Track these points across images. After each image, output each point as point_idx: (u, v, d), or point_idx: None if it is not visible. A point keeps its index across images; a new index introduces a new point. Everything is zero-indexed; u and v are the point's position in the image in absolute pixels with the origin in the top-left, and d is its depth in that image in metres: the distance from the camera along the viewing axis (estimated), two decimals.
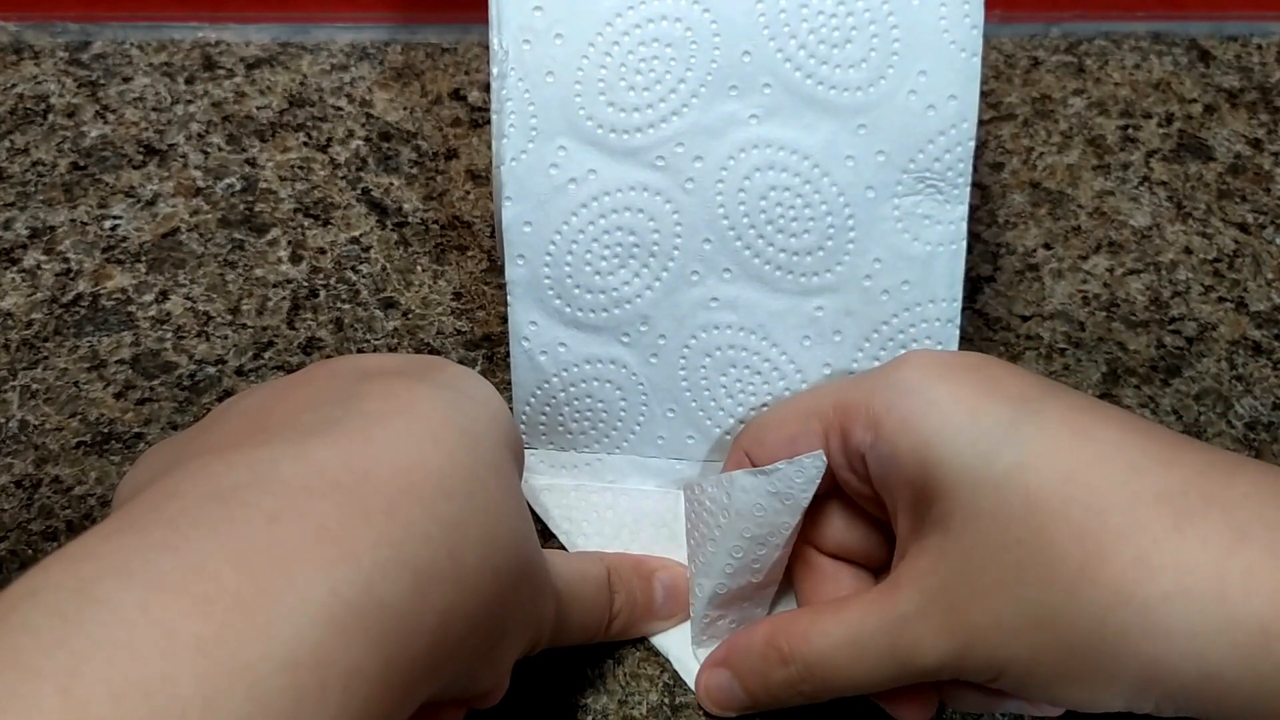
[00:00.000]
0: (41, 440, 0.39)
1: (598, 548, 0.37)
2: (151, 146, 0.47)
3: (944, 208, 0.35)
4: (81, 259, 0.43)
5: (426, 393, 0.27)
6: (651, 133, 0.34)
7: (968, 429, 0.30)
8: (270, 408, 0.27)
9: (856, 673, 0.31)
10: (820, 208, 0.35)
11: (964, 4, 0.34)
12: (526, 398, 0.37)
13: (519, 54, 0.34)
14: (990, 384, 0.31)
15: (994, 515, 0.29)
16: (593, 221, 0.35)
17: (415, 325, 0.42)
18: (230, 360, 0.41)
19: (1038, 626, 0.28)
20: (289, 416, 0.26)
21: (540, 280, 0.36)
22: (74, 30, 0.50)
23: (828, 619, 0.32)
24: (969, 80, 0.34)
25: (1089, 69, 0.52)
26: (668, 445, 0.37)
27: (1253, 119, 0.50)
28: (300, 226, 0.45)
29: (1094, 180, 0.48)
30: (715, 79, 0.34)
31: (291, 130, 0.48)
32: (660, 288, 0.36)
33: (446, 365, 0.29)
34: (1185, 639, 0.26)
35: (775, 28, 0.34)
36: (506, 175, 0.35)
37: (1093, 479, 0.28)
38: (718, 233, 0.35)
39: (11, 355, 0.41)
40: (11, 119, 0.47)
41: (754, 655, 0.33)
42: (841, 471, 0.33)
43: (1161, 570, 0.27)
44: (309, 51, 0.50)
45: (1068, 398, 0.30)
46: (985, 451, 0.29)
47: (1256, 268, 0.45)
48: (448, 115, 0.49)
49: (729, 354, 0.36)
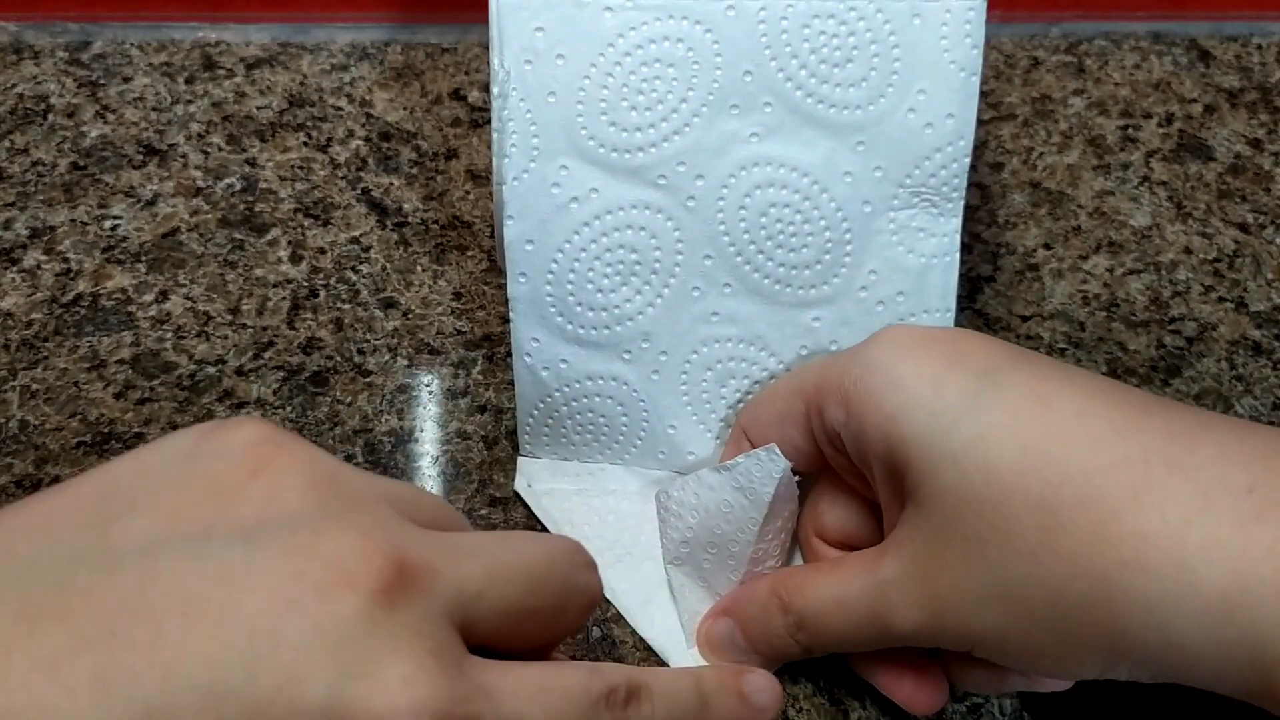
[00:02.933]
0: (41, 440, 0.39)
1: (598, 551, 0.37)
2: (151, 146, 0.47)
3: (938, 221, 0.36)
4: (81, 259, 0.43)
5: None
6: (653, 152, 0.35)
7: (929, 402, 0.30)
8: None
9: (843, 630, 0.32)
10: (819, 223, 0.35)
11: (965, 24, 0.34)
12: (530, 409, 0.37)
13: (520, 74, 0.34)
14: (956, 356, 0.31)
15: (956, 489, 0.29)
16: (595, 240, 0.35)
17: (415, 325, 0.42)
18: (230, 360, 0.41)
19: (1003, 599, 0.28)
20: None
21: (542, 298, 0.36)
22: (74, 30, 0.50)
23: (823, 575, 0.32)
24: (967, 99, 0.35)
25: (1089, 69, 0.52)
26: (669, 459, 0.38)
27: (1253, 119, 0.50)
28: (300, 226, 0.45)
29: (1094, 180, 0.48)
30: (717, 98, 0.34)
31: (291, 130, 0.48)
32: (662, 304, 0.36)
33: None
34: (1144, 610, 0.26)
35: (777, 47, 0.34)
36: (509, 194, 0.35)
37: (1052, 449, 0.28)
38: (718, 249, 0.36)
39: (11, 355, 0.41)
40: (11, 119, 0.47)
41: (757, 604, 0.33)
42: (825, 449, 0.33)
43: (1120, 541, 0.26)
44: (309, 51, 0.50)
45: (1033, 366, 0.30)
46: (946, 425, 0.29)
47: (1256, 268, 0.45)
48: (448, 115, 0.49)
49: (729, 366, 0.37)
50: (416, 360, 0.41)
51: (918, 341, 0.31)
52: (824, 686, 0.35)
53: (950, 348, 0.31)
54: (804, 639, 0.33)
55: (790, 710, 0.34)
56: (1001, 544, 0.28)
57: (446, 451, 0.39)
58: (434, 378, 0.41)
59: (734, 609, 0.34)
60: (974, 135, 0.35)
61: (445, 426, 0.40)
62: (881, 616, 0.30)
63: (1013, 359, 0.31)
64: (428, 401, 0.40)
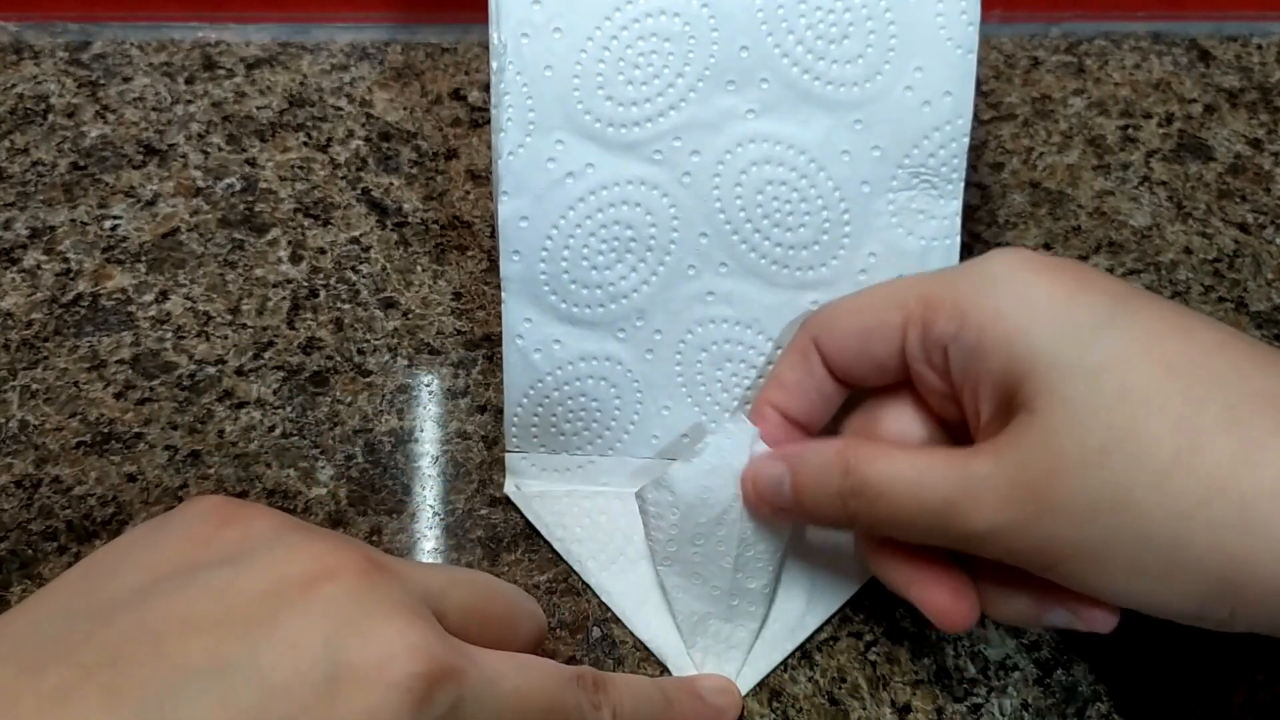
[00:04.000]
0: (41, 440, 0.39)
1: (591, 554, 0.37)
2: (151, 146, 0.47)
3: (938, 203, 0.36)
4: (81, 259, 0.43)
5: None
6: (649, 127, 0.35)
7: (1062, 320, 0.29)
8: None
9: (902, 510, 0.30)
10: (816, 202, 0.35)
11: (961, 1, 0.34)
12: (519, 399, 0.37)
13: (517, 48, 0.34)
14: (1082, 279, 0.30)
15: (1085, 400, 0.28)
16: (590, 216, 0.35)
17: (415, 325, 0.42)
18: (230, 360, 0.41)
19: (1116, 509, 0.27)
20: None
21: (536, 276, 0.36)
22: (74, 30, 0.50)
23: (900, 454, 0.31)
24: (965, 76, 0.35)
25: (1089, 69, 0.52)
26: (661, 443, 0.37)
27: (1253, 119, 0.50)
28: (300, 226, 0.45)
29: (1094, 180, 0.48)
30: (713, 74, 0.34)
31: (291, 130, 0.48)
32: (657, 282, 0.36)
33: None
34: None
35: (773, 23, 0.34)
36: (504, 169, 0.35)
37: (1196, 373, 0.27)
38: (714, 227, 0.35)
39: (11, 355, 0.41)
40: (12, 119, 0.47)
41: (819, 458, 0.32)
42: (915, 364, 0.32)
43: (1264, 466, 0.26)
44: (309, 51, 0.50)
45: (1159, 301, 0.30)
46: (1082, 341, 0.29)
47: (1256, 268, 0.45)
48: (448, 115, 0.49)
49: (724, 348, 0.36)
50: (416, 360, 0.41)
51: (1043, 262, 0.31)
52: (824, 687, 0.35)
53: (1077, 271, 0.31)
54: (857, 507, 0.31)
55: (790, 710, 0.34)
56: (1131, 456, 0.27)
57: (446, 451, 0.39)
58: (434, 378, 0.41)
59: (792, 456, 0.33)
60: (972, 114, 0.35)
61: (445, 426, 0.40)
62: (957, 507, 0.29)
63: (1136, 291, 0.30)
64: (428, 401, 0.40)
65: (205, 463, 0.38)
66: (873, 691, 0.34)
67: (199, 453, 0.38)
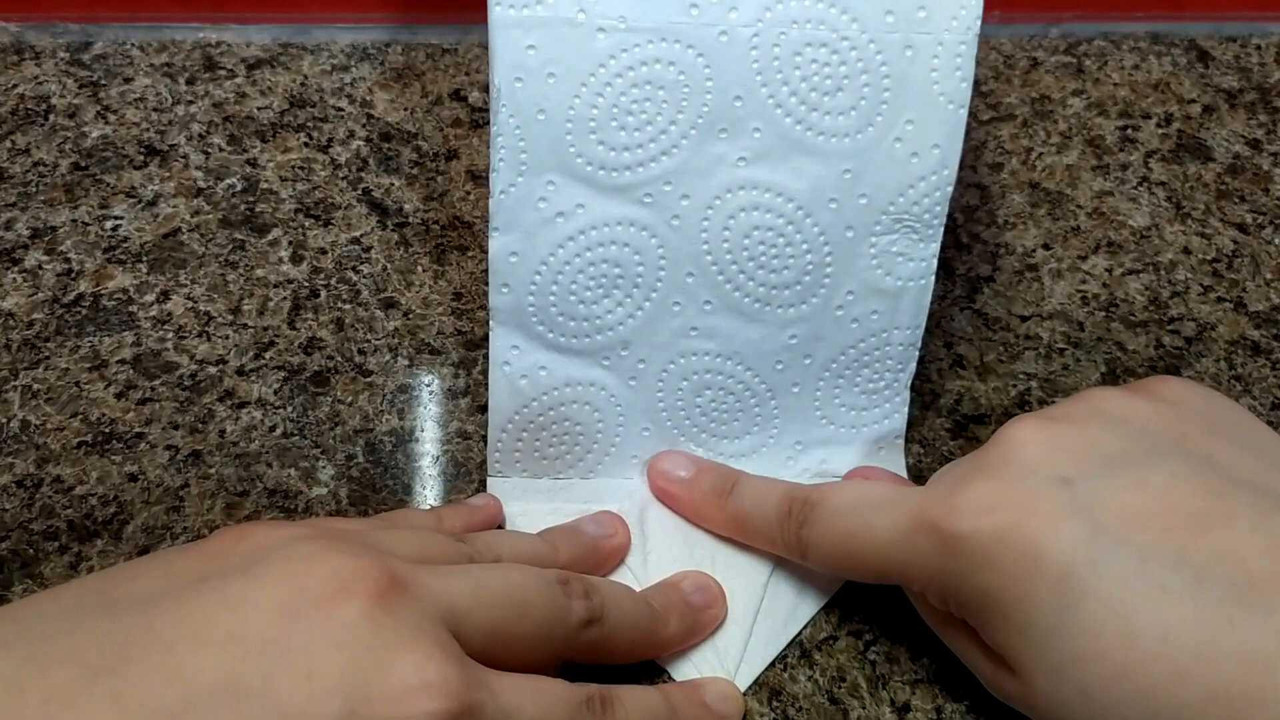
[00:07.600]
0: (43, 440, 0.39)
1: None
2: (152, 147, 0.47)
3: (917, 246, 0.36)
4: (83, 259, 0.43)
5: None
6: (641, 171, 0.35)
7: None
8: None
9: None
10: (801, 247, 0.36)
11: (956, 58, 0.35)
12: (503, 424, 0.37)
13: (511, 91, 0.34)
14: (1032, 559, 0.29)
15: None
16: (578, 254, 0.36)
17: (416, 325, 0.42)
18: (231, 360, 0.41)
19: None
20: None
21: (524, 308, 0.36)
22: (75, 31, 0.50)
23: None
24: (954, 130, 0.35)
25: (1088, 69, 0.52)
26: (641, 465, 0.38)
27: (1252, 119, 0.50)
28: (301, 227, 0.45)
29: (1093, 180, 0.48)
30: (706, 121, 0.35)
31: (292, 131, 0.48)
32: (642, 316, 0.36)
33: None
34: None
35: (768, 74, 0.34)
36: (495, 207, 0.35)
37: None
38: (700, 267, 0.36)
39: (13, 355, 0.41)
40: (13, 119, 0.47)
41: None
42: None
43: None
44: (310, 52, 0.50)
45: (1111, 565, 0.29)
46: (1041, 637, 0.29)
47: (1255, 268, 0.46)
48: (448, 115, 0.49)
49: (705, 378, 0.37)
50: (417, 360, 0.41)
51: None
52: (823, 686, 0.35)
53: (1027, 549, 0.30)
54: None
55: (790, 709, 0.34)
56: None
57: (447, 451, 0.39)
58: (434, 378, 0.41)
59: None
60: (958, 165, 0.35)
61: (446, 426, 0.40)
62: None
63: (1091, 555, 0.29)
64: (428, 401, 0.40)
65: (206, 462, 0.38)
66: (872, 691, 0.35)
67: (200, 452, 0.39)
